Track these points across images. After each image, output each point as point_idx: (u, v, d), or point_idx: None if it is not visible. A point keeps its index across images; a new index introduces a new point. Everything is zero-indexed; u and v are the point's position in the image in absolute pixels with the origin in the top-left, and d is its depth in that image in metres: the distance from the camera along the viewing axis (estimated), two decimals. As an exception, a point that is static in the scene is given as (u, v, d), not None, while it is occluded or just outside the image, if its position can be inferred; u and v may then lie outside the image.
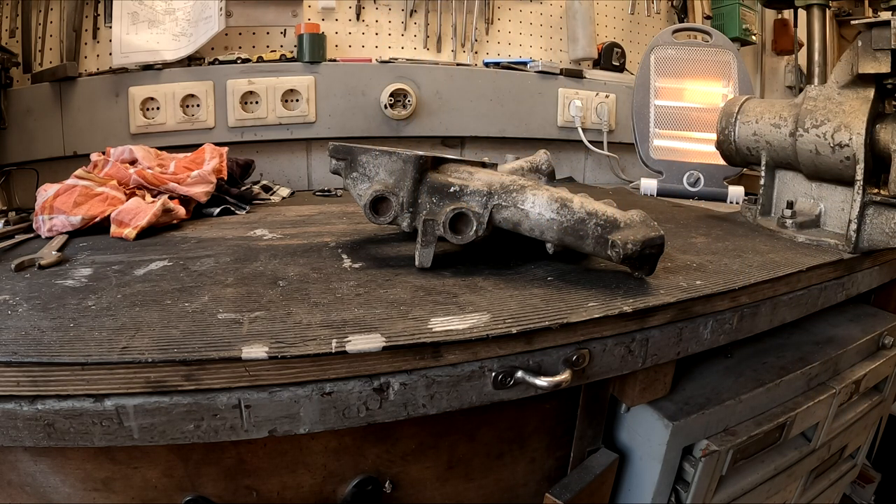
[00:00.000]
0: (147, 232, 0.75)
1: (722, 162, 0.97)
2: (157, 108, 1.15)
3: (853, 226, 0.72)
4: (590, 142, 1.46)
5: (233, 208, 0.95)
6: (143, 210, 0.77)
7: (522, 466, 0.58)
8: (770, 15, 1.84)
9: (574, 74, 1.45)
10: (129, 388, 0.39)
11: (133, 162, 0.92)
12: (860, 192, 0.71)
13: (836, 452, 0.85)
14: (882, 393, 0.87)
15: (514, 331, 0.44)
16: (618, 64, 1.55)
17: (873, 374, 0.79)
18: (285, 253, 0.66)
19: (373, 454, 0.50)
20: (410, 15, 1.37)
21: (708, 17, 1.68)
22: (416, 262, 0.59)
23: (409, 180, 0.58)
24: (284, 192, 1.16)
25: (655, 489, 0.61)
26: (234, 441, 0.45)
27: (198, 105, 1.17)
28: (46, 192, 0.77)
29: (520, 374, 0.46)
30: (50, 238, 0.73)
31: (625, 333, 0.50)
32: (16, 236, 0.76)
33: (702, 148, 1.20)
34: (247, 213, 0.95)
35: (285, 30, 1.27)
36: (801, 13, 0.91)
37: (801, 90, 0.82)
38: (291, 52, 1.25)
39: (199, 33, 1.15)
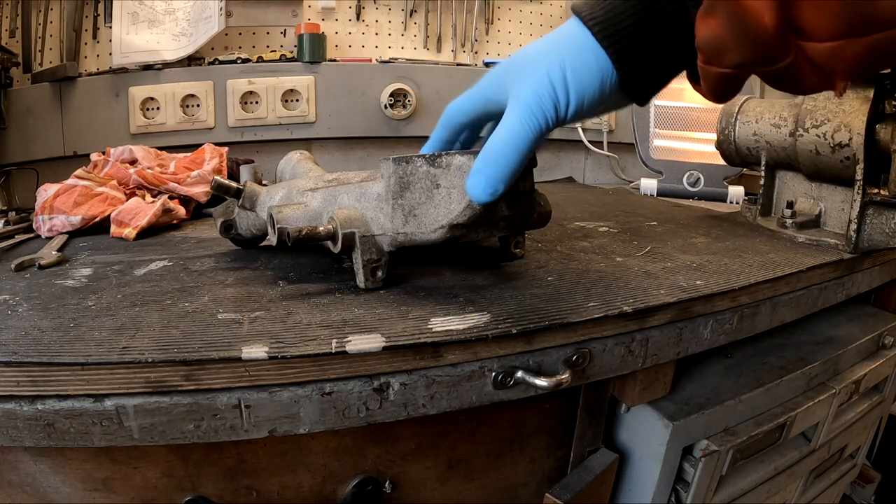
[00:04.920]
0: (147, 232, 0.75)
1: (722, 162, 0.97)
2: (157, 108, 1.15)
3: (853, 226, 0.72)
4: (590, 142, 1.46)
5: (233, 208, 0.94)
6: (143, 210, 0.77)
7: (522, 466, 0.58)
8: (770, 15, 1.84)
9: (574, 74, 1.45)
10: (129, 388, 0.39)
11: (133, 162, 0.92)
12: (860, 192, 0.71)
13: (836, 452, 0.85)
14: (882, 393, 0.87)
15: (514, 331, 0.44)
16: (618, 64, 1.55)
17: (873, 374, 0.79)
18: (286, 253, 0.66)
19: (373, 454, 0.50)
20: (410, 15, 1.37)
21: (708, 17, 1.68)
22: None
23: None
24: (284, 192, 1.16)
25: (655, 489, 0.61)
26: (234, 441, 0.45)
27: (198, 105, 1.17)
28: (46, 192, 0.77)
29: (520, 374, 0.46)
30: (50, 238, 0.73)
31: (625, 333, 0.50)
32: (16, 236, 0.76)
33: (702, 148, 1.20)
34: (247, 213, 0.95)
35: (285, 30, 1.27)
36: (802, 13, 0.91)
37: (801, 90, 0.82)
38: (291, 52, 1.25)
39: (199, 33, 1.15)
